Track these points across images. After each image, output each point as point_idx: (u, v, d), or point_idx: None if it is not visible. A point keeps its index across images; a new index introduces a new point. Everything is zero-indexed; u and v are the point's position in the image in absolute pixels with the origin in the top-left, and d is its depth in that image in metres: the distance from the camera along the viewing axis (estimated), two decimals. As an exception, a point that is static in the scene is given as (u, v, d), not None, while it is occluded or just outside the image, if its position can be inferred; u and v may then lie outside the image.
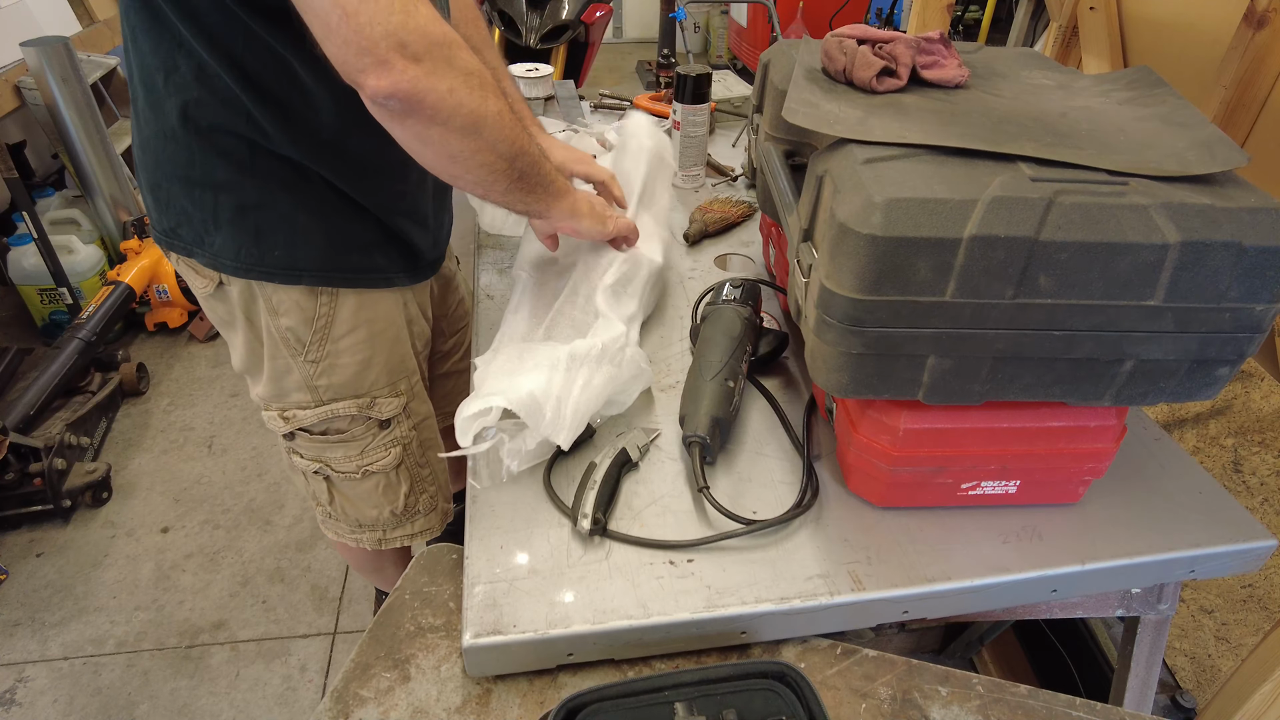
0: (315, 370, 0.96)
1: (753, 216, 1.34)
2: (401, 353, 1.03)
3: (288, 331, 0.93)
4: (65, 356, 2.21)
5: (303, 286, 0.90)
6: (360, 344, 0.97)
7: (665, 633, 0.69)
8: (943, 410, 0.71)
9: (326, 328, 0.94)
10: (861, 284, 0.61)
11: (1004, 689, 0.71)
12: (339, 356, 0.97)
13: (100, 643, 1.73)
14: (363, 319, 0.96)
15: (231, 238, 0.86)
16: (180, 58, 0.76)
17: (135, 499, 2.10)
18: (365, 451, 1.05)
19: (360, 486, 1.09)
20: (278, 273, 0.88)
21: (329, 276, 0.91)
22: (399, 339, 1.02)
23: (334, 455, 1.05)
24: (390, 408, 1.03)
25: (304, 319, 0.92)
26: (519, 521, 0.78)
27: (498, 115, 0.73)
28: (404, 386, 1.05)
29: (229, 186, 0.83)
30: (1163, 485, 0.83)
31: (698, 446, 0.79)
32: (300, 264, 0.89)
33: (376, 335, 0.98)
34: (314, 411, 1.00)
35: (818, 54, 0.84)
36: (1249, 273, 0.60)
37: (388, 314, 0.99)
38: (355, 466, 1.06)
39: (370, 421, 1.03)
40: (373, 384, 1.01)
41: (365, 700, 0.70)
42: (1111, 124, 0.72)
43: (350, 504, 1.12)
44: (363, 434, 1.04)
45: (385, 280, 0.97)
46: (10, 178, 2.25)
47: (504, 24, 2.82)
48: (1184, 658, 1.44)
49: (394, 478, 1.09)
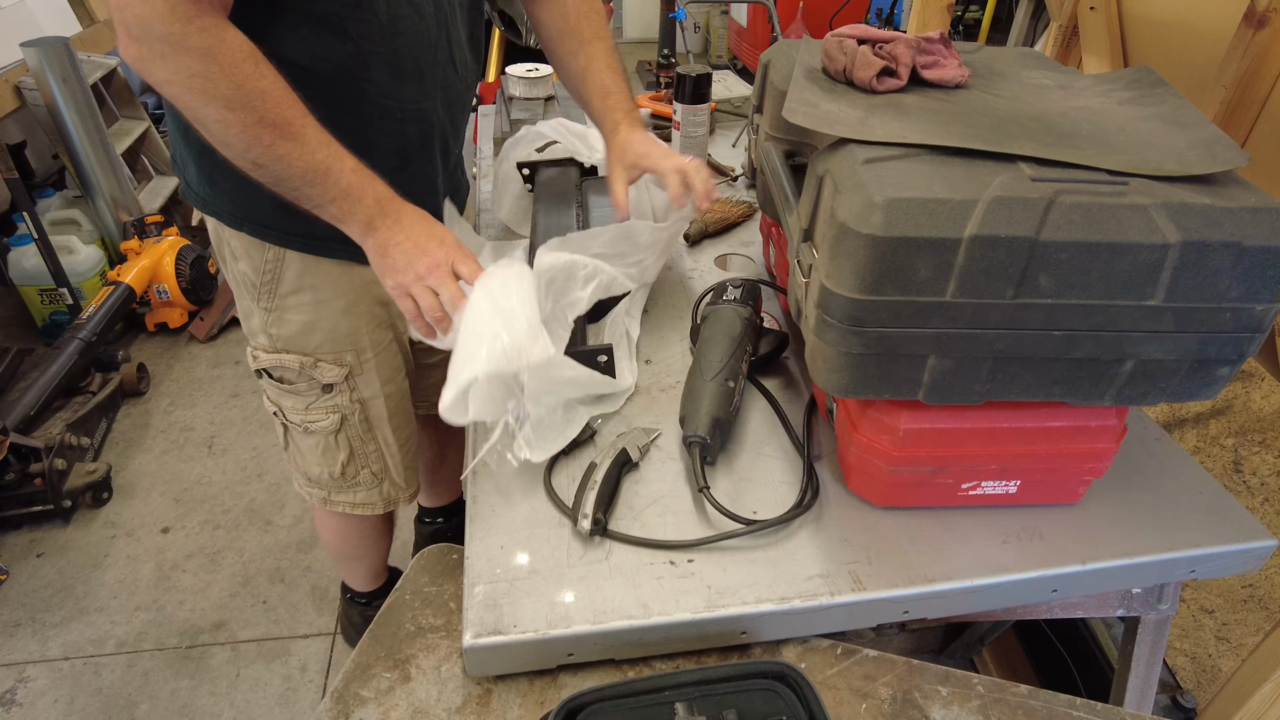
0: (268, 318, 1.00)
1: (753, 216, 1.34)
2: (352, 325, 1.03)
3: (243, 276, 0.98)
4: (65, 357, 2.21)
5: (247, 235, 0.94)
6: (305, 306, 0.99)
7: (665, 633, 0.69)
8: (943, 410, 0.71)
9: (273, 282, 0.97)
10: (862, 284, 0.61)
11: (1004, 689, 0.71)
12: (286, 311, 0.99)
13: (101, 643, 1.73)
14: (307, 283, 0.98)
15: (198, 174, 0.93)
16: None
17: (135, 499, 2.10)
18: (309, 408, 1.08)
19: (305, 440, 1.12)
20: (226, 215, 0.93)
21: (268, 233, 0.94)
22: (351, 311, 1.02)
23: (286, 403, 1.09)
24: (331, 374, 1.05)
25: (253, 267, 0.96)
26: (519, 521, 0.78)
27: (220, 123, 0.75)
28: (350, 359, 1.05)
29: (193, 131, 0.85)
30: (1163, 485, 0.83)
31: (698, 446, 0.79)
32: (244, 213, 0.93)
33: (322, 302, 1.00)
34: (269, 356, 1.04)
35: (818, 54, 0.84)
36: (1249, 272, 0.60)
37: (336, 284, 0.99)
38: (300, 420, 1.09)
39: (313, 381, 1.05)
40: (316, 347, 1.03)
41: (366, 700, 0.70)
42: (1112, 124, 0.72)
43: (299, 455, 1.15)
44: (306, 390, 1.06)
45: (330, 251, 0.96)
46: (10, 178, 2.25)
47: (504, 24, 2.82)
48: (1184, 658, 1.44)
49: (332, 442, 1.11)
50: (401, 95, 0.91)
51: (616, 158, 1.03)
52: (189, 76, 0.72)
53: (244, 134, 0.75)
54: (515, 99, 1.69)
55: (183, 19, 0.70)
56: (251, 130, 0.75)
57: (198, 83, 0.72)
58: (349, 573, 1.51)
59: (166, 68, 0.72)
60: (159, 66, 0.72)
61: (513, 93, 1.70)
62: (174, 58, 0.71)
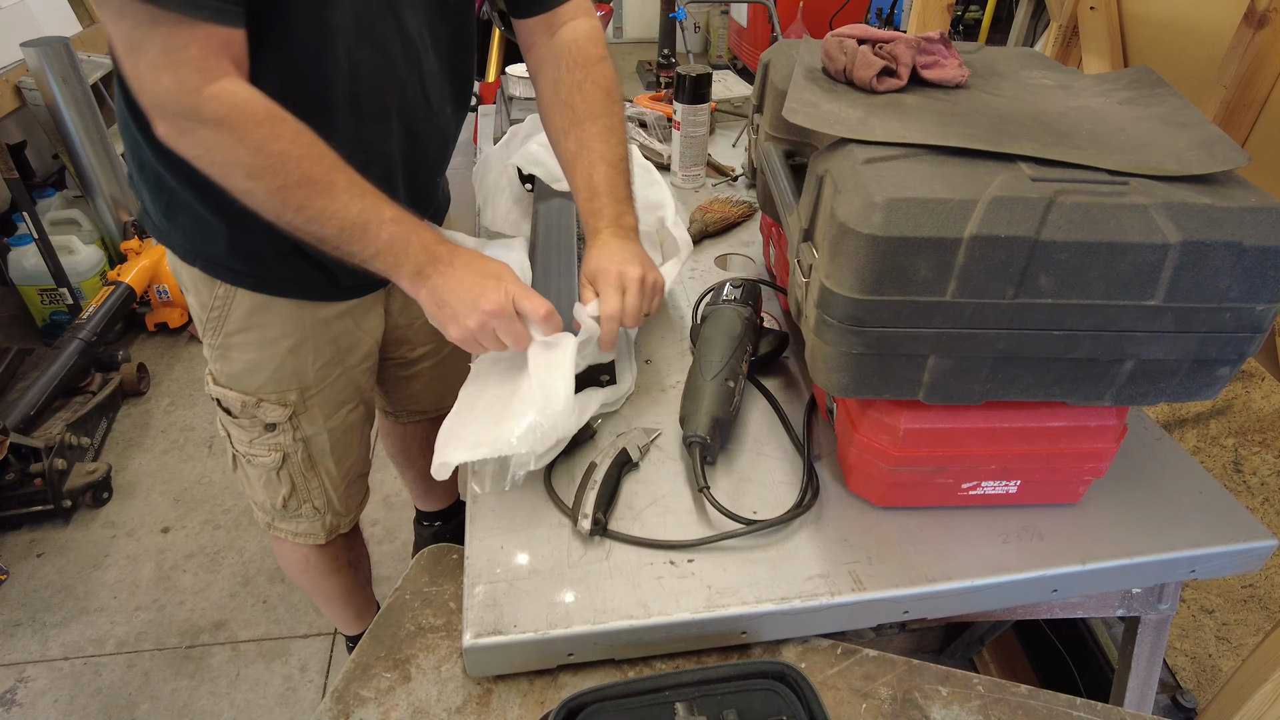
0: (214, 354, 1.00)
1: (753, 216, 1.34)
2: (297, 364, 1.00)
3: (194, 309, 0.97)
4: (66, 357, 2.21)
5: (198, 271, 0.92)
6: (250, 345, 0.97)
7: (666, 633, 0.69)
8: (943, 410, 0.71)
9: (220, 319, 0.95)
10: (862, 284, 0.61)
11: (1004, 689, 0.71)
12: (230, 350, 0.98)
13: (101, 643, 1.73)
14: (254, 323, 0.95)
15: (153, 204, 0.91)
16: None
17: (136, 499, 2.10)
18: (252, 443, 1.07)
19: (249, 469, 1.11)
20: (179, 249, 0.92)
21: (221, 271, 0.92)
22: (297, 350, 0.99)
23: (233, 432, 1.08)
24: (273, 414, 1.03)
25: (201, 303, 0.95)
26: (519, 521, 0.78)
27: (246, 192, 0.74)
28: (293, 398, 1.02)
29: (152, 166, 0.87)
30: (1163, 485, 0.83)
31: (698, 446, 0.79)
32: (199, 249, 0.91)
33: (268, 342, 0.97)
34: (215, 388, 1.03)
35: (818, 54, 0.84)
36: (1249, 272, 0.60)
37: (285, 323, 0.97)
38: (244, 451, 1.08)
39: (255, 419, 1.04)
40: (259, 387, 1.01)
41: (366, 700, 0.70)
42: (1112, 124, 0.72)
43: (246, 480, 1.14)
44: (249, 426, 1.05)
45: (284, 290, 0.94)
46: (10, 178, 2.25)
47: (504, 24, 2.82)
48: (1185, 658, 1.44)
49: (274, 477, 1.10)
50: (362, 137, 0.87)
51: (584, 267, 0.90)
52: (208, 149, 0.71)
53: (270, 199, 0.73)
54: (515, 99, 1.69)
55: (192, 91, 0.68)
56: (278, 195, 0.73)
57: (218, 154, 0.71)
58: (331, 615, 1.48)
59: (190, 143, 0.71)
60: (185, 143, 0.71)
61: (513, 93, 1.70)
62: (193, 132, 0.70)
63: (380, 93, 0.87)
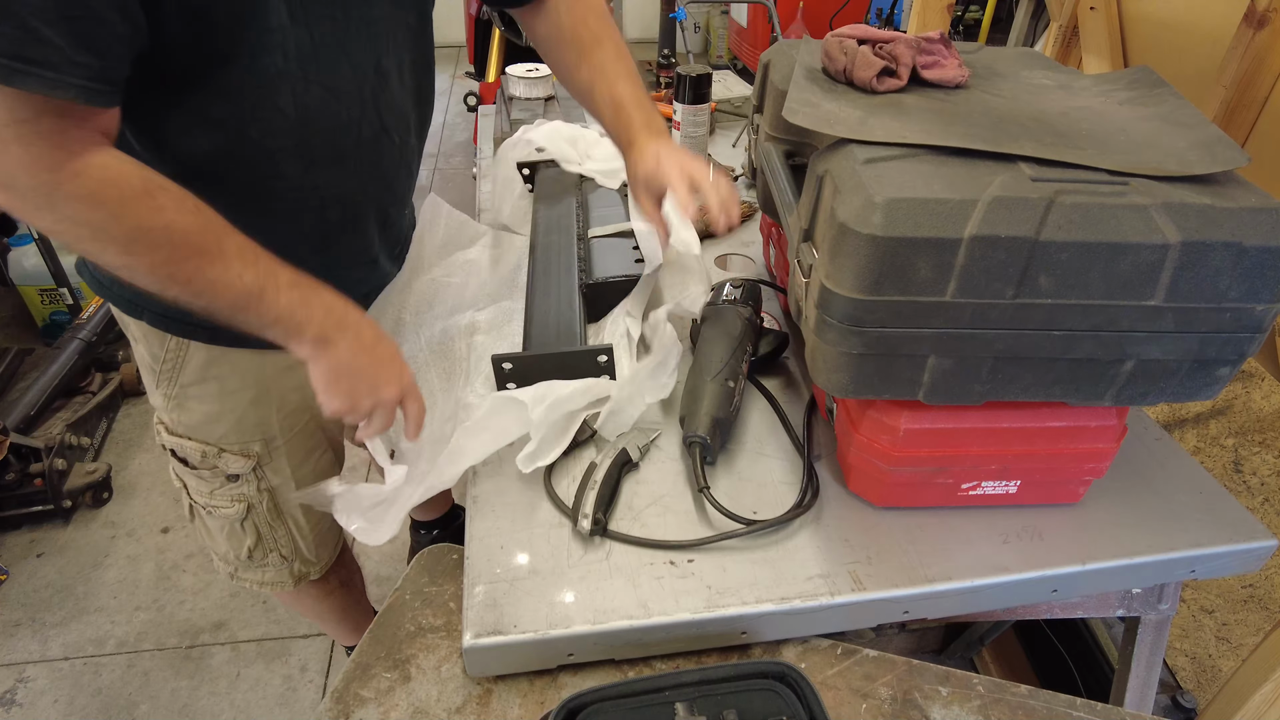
0: (168, 404, 0.94)
1: (753, 216, 1.34)
2: (260, 415, 0.96)
3: (143, 358, 0.92)
4: (66, 357, 2.21)
5: (146, 324, 0.87)
6: (210, 396, 0.92)
7: (666, 633, 0.69)
8: (943, 410, 0.71)
9: (174, 371, 0.90)
10: (862, 284, 0.61)
11: (1004, 689, 0.71)
12: (187, 400, 0.93)
13: (101, 643, 1.73)
14: (213, 374, 0.91)
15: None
16: None
17: (136, 499, 2.10)
18: (213, 493, 1.02)
19: (209, 520, 1.06)
20: (123, 302, 0.86)
21: (169, 323, 0.86)
22: (259, 401, 0.95)
23: (190, 483, 1.02)
24: (236, 465, 0.98)
25: (151, 354, 0.90)
26: (519, 522, 0.78)
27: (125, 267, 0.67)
28: (257, 448, 0.98)
29: None
30: (1163, 485, 0.83)
31: (698, 446, 0.79)
32: (143, 302, 0.85)
33: (230, 393, 0.93)
34: (171, 438, 0.98)
35: (818, 54, 0.84)
36: (1249, 273, 0.60)
37: (247, 374, 0.93)
38: (204, 502, 1.03)
39: (216, 470, 0.99)
40: (221, 438, 0.96)
41: (366, 700, 0.70)
42: (1112, 124, 0.72)
43: (205, 531, 1.09)
44: (210, 477, 1.00)
45: (243, 342, 0.83)
46: (11, 178, 2.25)
47: (504, 24, 2.82)
48: (1184, 658, 1.44)
49: (238, 528, 1.05)
50: (317, 182, 0.83)
51: (632, 178, 0.93)
52: (74, 225, 0.63)
53: (153, 274, 0.67)
54: (515, 99, 1.69)
55: (50, 168, 0.60)
56: (162, 269, 0.67)
57: (86, 231, 0.64)
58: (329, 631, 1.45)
59: (47, 218, 0.63)
60: (38, 217, 0.63)
61: (513, 93, 1.70)
62: (52, 208, 0.62)
63: (334, 135, 0.81)
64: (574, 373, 0.87)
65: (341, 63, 0.78)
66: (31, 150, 0.59)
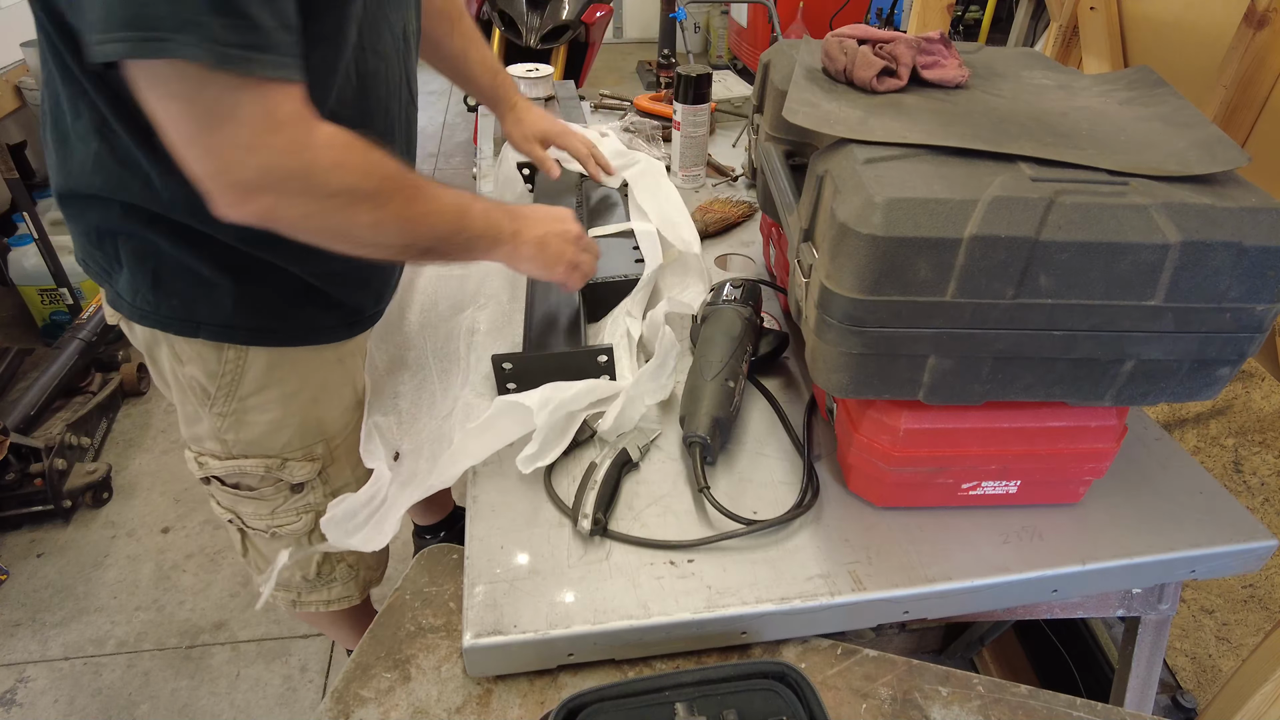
0: (223, 424, 0.90)
1: (753, 216, 1.34)
2: (320, 414, 0.95)
3: (193, 380, 0.87)
4: (66, 357, 2.20)
5: (201, 340, 0.84)
6: (271, 403, 0.90)
7: (666, 633, 0.69)
8: (943, 410, 0.71)
9: (233, 384, 0.87)
10: (862, 284, 0.61)
11: (1004, 689, 0.71)
12: (246, 414, 0.90)
13: (101, 643, 1.73)
14: (275, 378, 0.89)
15: (130, 280, 0.81)
16: (84, 105, 0.71)
17: (136, 499, 2.10)
18: (275, 513, 0.99)
19: (271, 545, 1.03)
20: (173, 323, 0.82)
21: (232, 333, 0.84)
22: (319, 400, 0.94)
23: (245, 510, 1.00)
24: (302, 472, 0.96)
25: (207, 372, 0.86)
26: (519, 521, 0.78)
27: (373, 224, 0.69)
28: (320, 450, 0.97)
29: (128, 233, 0.78)
30: (1163, 485, 0.83)
31: (698, 447, 0.79)
32: (199, 317, 0.82)
33: (291, 395, 0.91)
34: (223, 463, 0.94)
35: (818, 54, 0.84)
36: (1249, 273, 0.60)
37: (306, 373, 0.91)
38: (265, 525, 1.00)
39: (280, 483, 0.97)
40: (284, 445, 0.94)
41: (366, 700, 0.70)
42: (1112, 124, 0.72)
43: (263, 559, 1.06)
44: (272, 495, 0.98)
45: (303, 339, 0.89)
46: (11, 178, 2.25)
47: (504, 24, 2.82)
48: (1185, 658, 1.44)
49: (305, 542, 1.03)
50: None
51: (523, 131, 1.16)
52: (331, 196, 0.65)
53: (398, 220, 0.71)
54: (515, 99, 1.68)
55: (304, 144, 0.63)
56: (404, 211, 0.71)
57: (343, 199, 0.66)
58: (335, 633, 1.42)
59: (303, 202, 0.65)
60: (294, 206, 0.65)
61: (513, 93, 1.69)
62: (311, 190, 0.64)
63: (386, 101, 0.85)
64: (574, 373, 0.87)
65: (384, 28, 0.81)
66: (282, 136, 0.61)
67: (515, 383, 0.88)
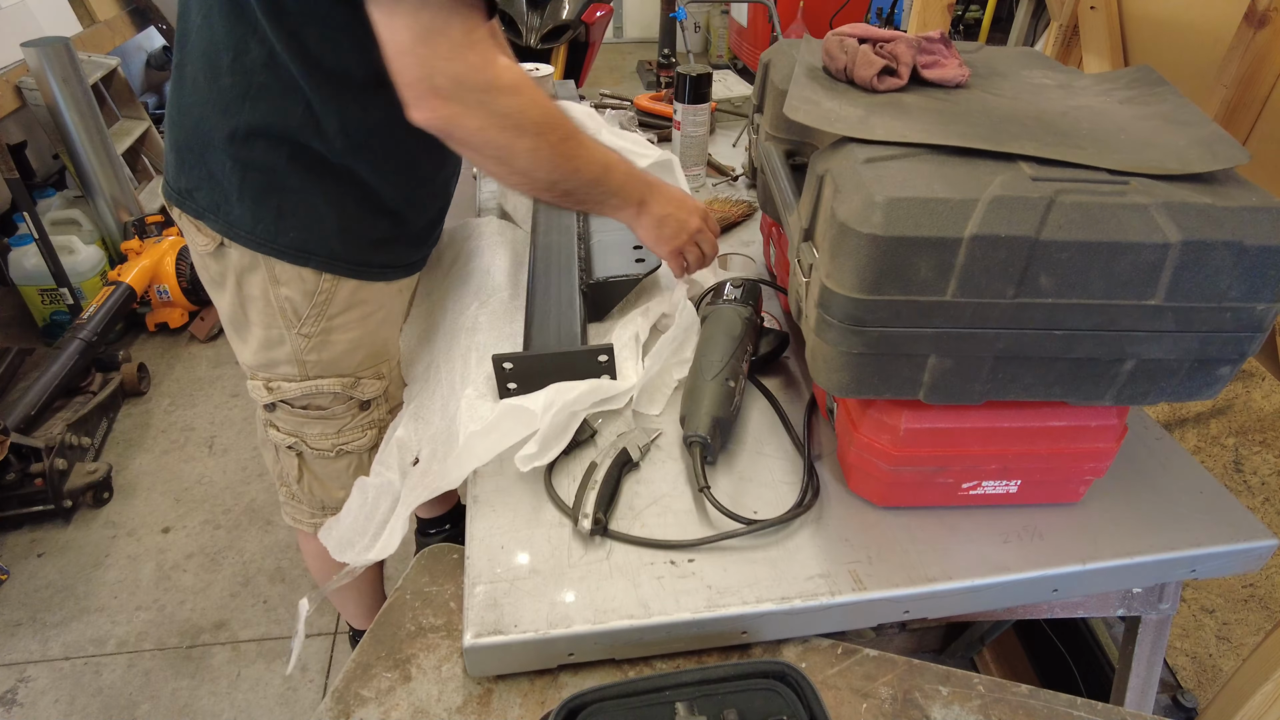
0: (307, 344, 0.98)
1: (753, 216, 1.34)
2: (386, 336, 1.06)
3: (286, 302, 0.95)
4: (66, 357, 2.21)
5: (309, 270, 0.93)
6: (352, 323, 0.99)
7: (666, 632, 0.69)
8: (943, 410, 0.71)
9: (325, 304, 0.96)
10: (862, 283, 0.61)
11: (1005, 689, 0.71)
12: (331, 334, 0.98)
13: (101, 643, 1.73)
14: (358, 299, 0.98)
15: (250, 212, 0.89)
16: (254, 42, 0.80)
17: (136, 499, 2.10)
18: (342, 430, 1.08)
19: (332, 465, 1.11)
20: (289, 252, 0.92)
21: (334, 265, 0.94)
22: (387, 322, 1.04)
23: (311, 431, 1.07)
24: (373, 389, 1.06)
25: (305, 292, 0.94)
26: (520, 521, 0.78)
27: (530, 151, 0.78)
28: (386, 370, 1.07)
29: (264, 167, 0.86)
30: (1163, 485, 0.83)
31: (698, 446, 0.79)
32: (311, 248, 0.92)
33: (368, 316, 1.01)
34: (299, 385, 1.01)
35: (819, 53, 0.84)
36: (1250, 272, 0.60)
37: (380, 298, 1.01)
38: (330, 445, 1.08)
39: (351, 401, 1.05)
40: (359, 365, 1.03)
41: (366, 700, 0.70)
42: (1112, 123, 0.72)
43: (319, 483, 1.13)
44: (343, 413, 1.06)
45: (381, 274, 1.00)
46: (11, 178, 2.25)
47: (504, 24, 2.82)
48: (1185, 657, 1.44)
49: (365, 460, 1.10)
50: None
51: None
52: (503, 116, 0.74)
53: (552, 154, 0.79)
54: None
55: (491, 64, 0.72)
56: (559, 148, 0.79)
57: (512, 119, 0.75)
58: (345, 607, 1.48)
59: (480, 115, 0.73)
60: (473, 117, 0.73)
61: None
62: (490, 103, 0.73)
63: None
64: (575, 372, 0.87)
65: None
66: (481, 53, 0.71)
67: (516, 382, 0.88)
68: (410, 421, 0.96)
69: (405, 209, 0.96)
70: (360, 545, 0.86)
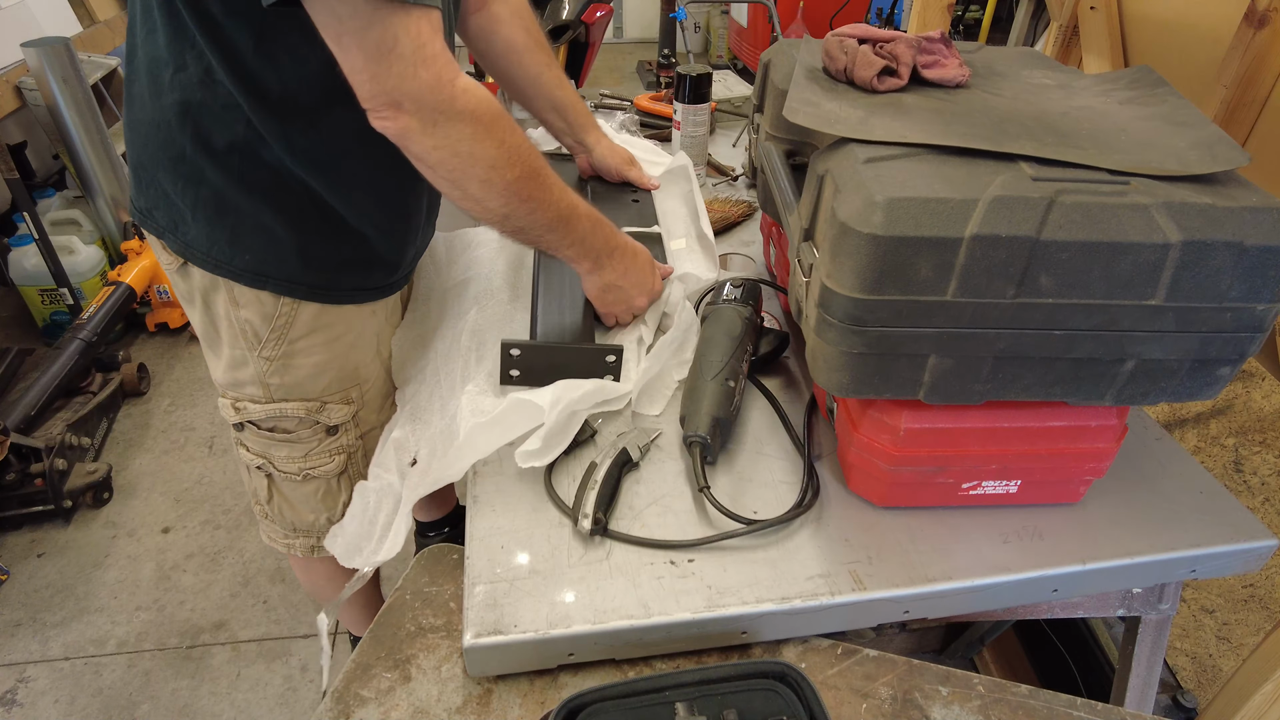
0: (269, 367, 0.96)
1: (753, 216, 1.34)
2: (357, 360, 1.02)
3: (246, 324, 0.93)
4: (66, 357, 2.21)
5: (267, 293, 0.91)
6: (316, 348, 0.97)
7: (666, 633, 0.69)
8: (944, 410, 0.71)
9: (285, 328, 0.94)
10: (862, 283, 0.61)
11: (1005, 689, 0.71)
12: (293, 358, 0.96)
13: (101, 643, 1.73)
14: (321, 324, 0.96)
15: (205, 233, 0.87)
16: (190, 57, 0.77)
17: (136, 499, 2.10)
18: (309, 455, 1.05)
19: (300, 489, 1.08)
20: (245, 275, 0.89)
21: (294, 288, 0.91)
22: (356, 346, 1.01)
23: (278, 454, 1.05)
24: (339, 414, 1.03)
25: (263, 315, 0.92)
26: (519, 521, 0.78)
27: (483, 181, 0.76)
28: (355, 395, 1.04)
29: (213, 186, 0.83)
30: (1163, 485, 0.83)
31: (698, 446, 0.79)
32: (268, 271, 0.89)
33: (334, 341, 0.98)
34: (263, 407, 0.99)
35: (818, 53, 0.84)
36: (1250, 272, 0.60)
37: (347, 322, 0.98)
38: (297, 468, 1.05)
39: (317, 426, 1.03)
40: (324, 389, 1.00)
41: (366, 700, 0.70)
42: (1112, 123, 0.72)
43: (289, 505, 1.11)
44: (309, 437, 1.03)
45: (350, 298, 0.97)
46: (11, 178, 2.25)
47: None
48: (1185, 657, 1.44)
49: (334, 485, 1.08)
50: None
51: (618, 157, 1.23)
52: (455, 142, 0.73)
53: (507, 192, 0.77)
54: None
55: (447, 84, 0.70)
56: (514, 186, 0.77)
57: (464, 147, 0.73)
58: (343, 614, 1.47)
59: (433, 135, 0.72)
60: (427, 135, 0.72)
61: (513, 93, 1.69)
62: (439, 126, 0.71)
63: None
64: (580, 369, 0.86)
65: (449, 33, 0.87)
66: (428, 72, 0.69)
67: (519, 370, 0.87)
68: (407, 422, 0.96)
69: (371, 231, 0.93)
70: (367, 549, 0.86)
